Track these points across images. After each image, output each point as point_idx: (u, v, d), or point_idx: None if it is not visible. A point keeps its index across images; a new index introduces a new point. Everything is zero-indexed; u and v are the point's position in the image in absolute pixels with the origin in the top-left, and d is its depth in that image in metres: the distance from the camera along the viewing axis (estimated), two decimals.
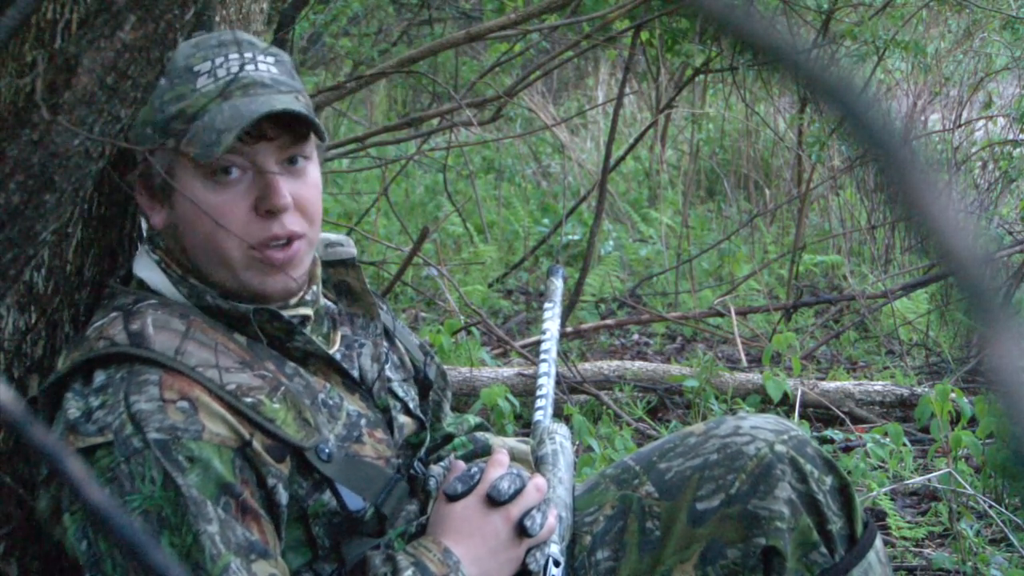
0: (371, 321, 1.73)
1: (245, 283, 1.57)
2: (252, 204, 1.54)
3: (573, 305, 4.44)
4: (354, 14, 6.21)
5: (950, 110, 5.57)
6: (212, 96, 1.52)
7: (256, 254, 1.55)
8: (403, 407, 1.72)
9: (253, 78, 1.54)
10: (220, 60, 1.54)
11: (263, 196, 1.54)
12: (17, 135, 1.39)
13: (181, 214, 1.56)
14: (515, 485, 1.60)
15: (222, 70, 1.54)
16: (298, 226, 1.56)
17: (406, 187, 6.30)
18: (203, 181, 1.53)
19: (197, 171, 1.53)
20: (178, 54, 1.55)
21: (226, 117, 1.51)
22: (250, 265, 1.55)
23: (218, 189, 1.54)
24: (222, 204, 1.53)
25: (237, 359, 1.53)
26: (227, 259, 1.55)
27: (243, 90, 1.53)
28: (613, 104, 4.83)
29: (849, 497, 1.74)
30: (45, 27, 1.50)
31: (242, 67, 1.54)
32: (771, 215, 5.76)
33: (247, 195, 1.54)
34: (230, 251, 1.54)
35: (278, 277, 1.56)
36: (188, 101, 1.52)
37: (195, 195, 1.53)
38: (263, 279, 1.56)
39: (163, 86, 1.53)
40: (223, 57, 1.54)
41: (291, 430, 1.51)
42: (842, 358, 4.28)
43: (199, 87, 1.53)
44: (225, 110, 1.51)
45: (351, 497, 1.55)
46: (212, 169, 1.53)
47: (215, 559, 1.41)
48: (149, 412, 1.44)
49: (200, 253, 1.56)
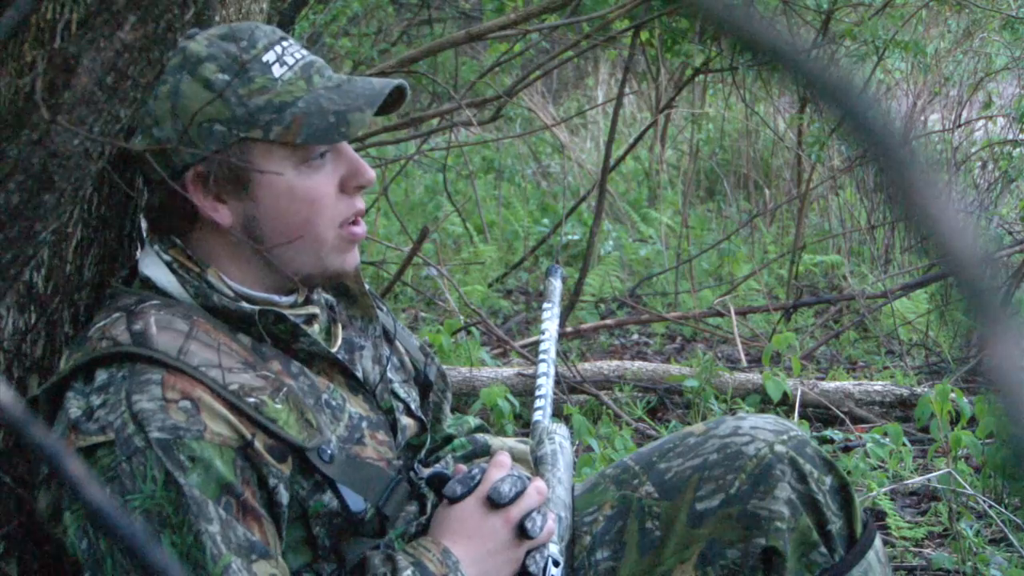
0: (369, 323, 1.73)
1: (329, 264, 1.59)
2: (338, 184, 1.57)
3: (573, 305, 4.44)
4: (354, 14, 6.21)
5: (950, 110, 5.57)
6: (296, 83, 1.54)
7: (344, 232, 1.58)
8: (405, 408, 1.72)
9: (315, 61, 1.57)
10: (279, 48, 1.56)
11: (352, 174, 1.57)
12: (17, 135, 1.39)
13: (268, 204, 1.55)
14: (516, 487, 1.60)
15: (288, 57, 1.55)
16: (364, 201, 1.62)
17: (406, 187, 6.30)
18: (296, 167, 1.54)
19: (289, 158, 1.54)
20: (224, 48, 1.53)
21: (334, 98, 1.53)
22: (337, 245, 1.58)
23: (312, 172, 1.55)
24: (316, 187, 1.55)
25: (240, 359, 1.53)
26: (319, 241, 1.57)
27: (318, 73, 1.56)
28: (613, 104, 4.83)
29: (849, 497, 1.74)
30: (45, 27, 1.50)
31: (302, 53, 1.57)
32: (771, 215, 5.76)
33: (334, 175, 1.57)
34: (325, 232, 1.57)
35: (353, 253, 1.61)
36: (274, 91, 1.53)
37: (285, 182, 1.54)
38: (345, 257, 1.60)
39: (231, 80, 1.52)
40: (279, 45, 1.56)
41: (293, 431, 1.51)
42: (842, 358, 4.28)
43: (278, 76, 1.54)
44: (322, 93, 1.53)
45: (352, 498, 1.55)
46: (307, 153, 1.54)
47: (216, 559, 1.41)
48: (151, 411, 1.44)
49: (287, 240, 1.57)
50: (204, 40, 1.55)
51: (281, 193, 1.54)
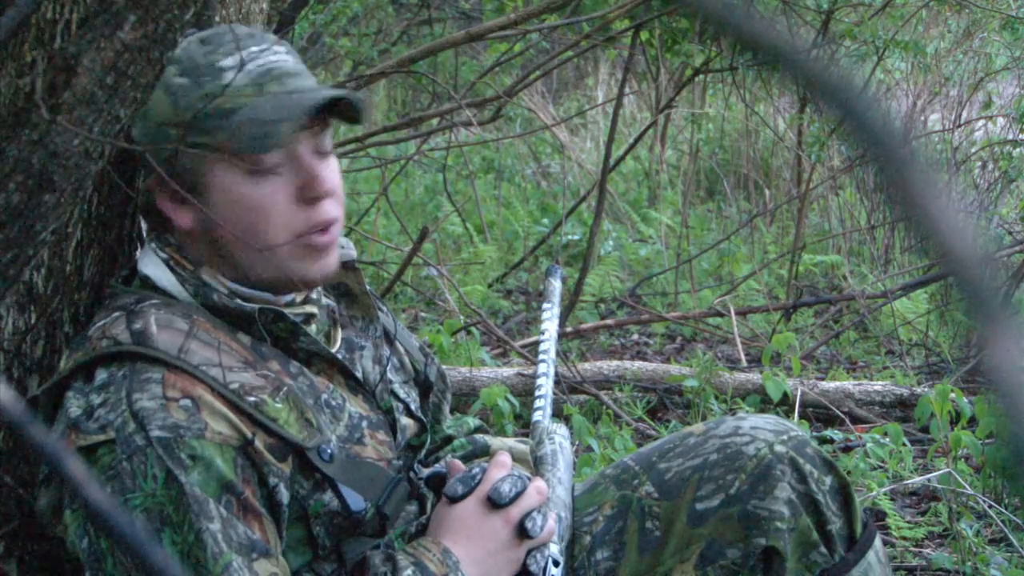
0: (370, 323, 1.73)
1: (289, 272, 1.56)
2: (293, 193, 1.54)
3: (573, 305, 4.44)
4: (354, 14, 6.21)
5: (950, 110, 5.57)
6: (246, 90, 1.51)
7: (302, 241, 1.55)
8: (405, 409, 1.72)
9: (282, 68, 1.54)
10: (244, 54, 1.53)
11: (306, 184, 1.54)
12: (17, 135, 1.39)
13: (218, 209, 1.54)
14: (516, 487, 1.60)
15: (250, 63, 1.53)
16: (335, 211, 1.57)
17: (406, 187, 6.30)
18: (243, 175, 1.53)
19: (236, 166, 1.52)
20: (192, 52, 1.54)
21: (273, 108, 1.50)
22: (294, 253, 1.55)
23: (260, 181, 1.53)
24: (264, 196, 1.53)
25: (240, 358, 1.53)
26: (272, 249, 1.54)
27: (276, 81, 1.53)
28: (613, 104, 4.83)
29: (848, 497, 1.74)
30: (45, 27, 1.50)
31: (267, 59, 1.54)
32: (771, 215, 5.76)
33: (288, 185, 1.54)
34: (276, 241, 1.54)
35: (320, 262, 1.57)
36: (222, 97, 1.51)
37: (234, 190, 1.53)
38: (307, 265, 1.56)
39: (185, 85, 1.52)
40: (246, 50, 1.54)
41: (293, 430, 1.51)
42: (842, 358, 4.28)
43: (229, 82, 1.52)
44: (267, 101, 1.51)
45: (353, 497, 1.55)
46: (253, 161, 1.52)
47: (216, 557, 1.41)
48: (151, 410, 1.44)
49: (239, 247, 1.55)
50: (184, 43, 1.55)
51: (231, 200, 1.53)
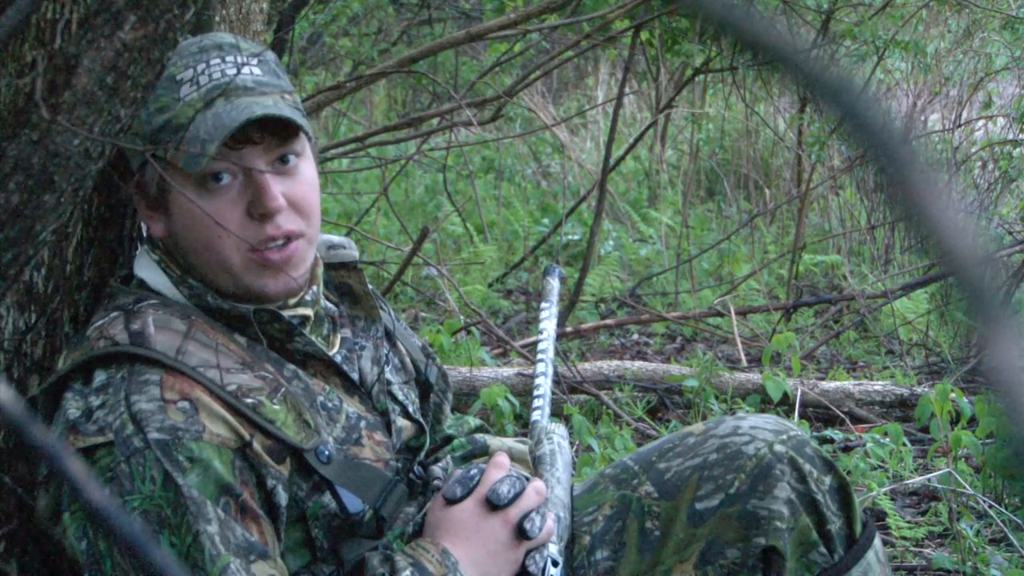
0: (372, 324, 1.73)
1: (246, 286, 1.56)
2: (245, 208, 1.54)
3: (573, 305, 4.44)
4: (354, 14, 6.21)
5: (950, 110, 5.57)
6: (196, 105, 1.51)
7: (255, 256, 1.54)
8: (402, 410, 1.72)
9: (235, 83, 1.53)
10: (202, 67, 1.53)
11: (255, 200, 1.53)
12: (17, 135, 1.39)
13: (178, 221, 1.56)
14: (515, 488, 1.60)
15: (204, 77, 1.53)
16: (294, 224, 1.55)
17: (406, 187, 6.30)
18: (195, 189, 1.53)
19: (188, 180, 1.53)
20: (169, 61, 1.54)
21: (209, 126, 1.50)
22: (249, 268, 1.55)
23: (210, 196, 1.53)
24: (216, 210, 1.52)
25: (238, 360, 1.53)
26: (226, 263, 1.54)
27: (225, 97, 1.52)
28: (613, 104, 4.83)
29: (848, 497, 1.74)
30: (45, 27, 1.50)
31: (223, 73, 1.53)
32: (771, 215, 5.76)
33: (240, 200, 1.54)
34: (229, 256, 1.54)
35: (279, 277, 1.56)
36: (173, 111, 1.52)
37: (189, 204, 1.53)
38: (263, 281, 1.56)
39: (154, 95, 1.53)
40: (204, 63, 1.54)
41: (291, 431, 1.51)
42: (842, 358, 4.28)
43: (182, 96, 1.52)
44: (208, 119, 1.51)
45: (350, 499, 1.55)
46: (203, 176, 1.52)
47: (215, 559, 1.41)
48: (150, 412, 1.44)
49: (199, 259, 1.56)
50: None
51: (186, 213, 1.54)
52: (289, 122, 1.53)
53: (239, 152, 1.53)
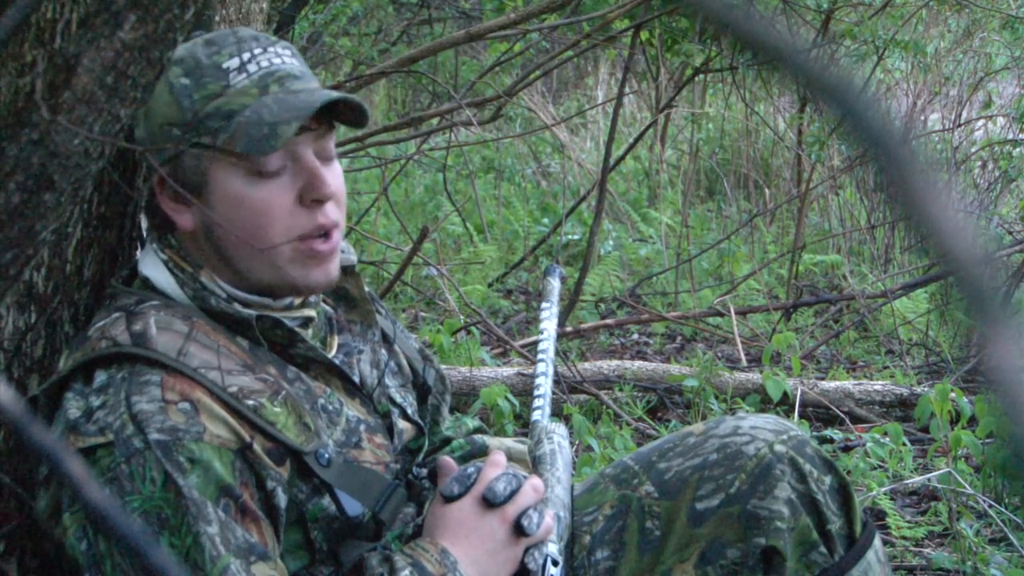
0: (368, 328, 1.73)
1: (288, 277, 1.56)
2: (296, 196, 1.54)
3: (573, 305, 4.44)
4: (354, 14, 6.21)
5: (950, 110, 5.57)
6: (250, 91, 1.51)
7: (302, 246, 1.54)
8: (401, 413, 1.72)
9: (285, 70, 1.54)
10: (247, 55, 1.53)
11: (309, 186, 1.53)
12: (17, 135, 1.39)
13: (220, 211, 1.53)
14: (511, 486, 1.60)
15: (252, 65, 1.53)
16: (336, 216, 1.57)
17: (406, 187, 6.30)
18: (245, 176, 1.52)
19: (237, 167, 1.52)
20: (196, 53, 1.54)
21: (276, 111, 1.50)
22: (295, 258, 1.55)
23: (262, 183, 1.52)
24: (267, 198, 1.52)
25: (239, 362, 1.53)
26: (272, 253, 1.53)
27: (279, 83, 1.53)
28: (613, 104, 4.83)
29: (848, 497, 1.74)
30: (45, 27, 1.50)
31: (271, 61, 1.54)
32: (771, 215, 5.76)
33: (291, 187, 1.54)
34: (276, 243, 1.53)
35: (321, 268, 1.56)
36: (225, 98, 1.51)
37: (236, 191, 1.52)
38: (307, 271, 1.56)
39: (188, 85, 1.52)
40: (248, 52, 1.54)
41: (291, 434, 1.51)
42: (842, 358, 4.28)
43: (233, 83, 1.52)
44: (270, 104, 1.50)
45: (350, 503, 1.55)
46: (255, 163, 1.52)
47: (215, 560, 1.41)
48: (150, 413, 1.44)
49: (238, 250, 1.55)
50: (189, 44, 1.55)
51: (232, 201, 1.53)
52: (359, 107, 1.54)
53: (294, 139, 1.53)
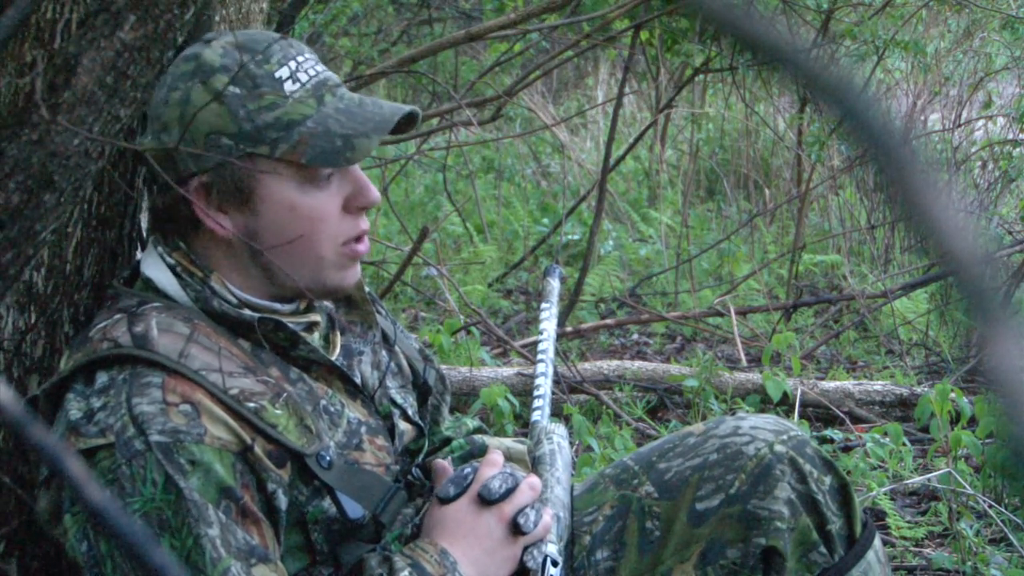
0: (368, 329, 1.73)
1: (326, 280, 1.60)
2: (341, 203, 1.58)
3: (573, 305, 4.44)
4: (354, 14, 6.21)
5: (950, 110, 5.57)
6: (308, 101, 1.54)
7: (346, 250, 1.59)
8: (402, 414, 1.72)
9: (329, 78, 1.58)
10: (294, 64, 1.56)
11: (356, 194, 1.59)
12: (17, 135, 1.39)
13: (270, 218, 1.56)
14: (507, 484, 1.60)
15: (303, 74, 1.55)
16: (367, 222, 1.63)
17: (406, 187, 6.30)
18: (298, 185, 1.55)
19: (294, 176, 1.55)
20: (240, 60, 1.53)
21: (344, 122, 1.53)
22: (338, 262, 1.59)
23: (316, 191, 1.56)
24: (320, 205, 1.56)
25: (240, 364, 1.53)
26: (319, 259, 1.58)
27: (331, 92, 1.56)
28: (613, 104, 4.83)
29: (848, 497, 1.74)
30: (45, 27, 1.50)
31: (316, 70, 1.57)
32: (771, 215, 5.75)
33: (338, 194, 1.58)
34: (325, 250, 1.58)
35: (352, 270, 1.62)
36: (283, 108, 1.53)
37: (288, 198, 1.55)
38: (344, 274, 1.61)
39: (240, 95, 1.52)
40: (294, 60, 1.56)
41: (292, 436, 1.51)
42: (842, 358, 4.28)
43: (288, 93, 1.53)
44: (333, 114, 1.54)
45: (351, 505, 1.55)
46: (310, 173, 1.55)
47: (215, 562, 1.41)
48: (151, 414, 1.44)
49: (284, 256, 1.57)
50: (220, 49, 1.54)
51: (284, 209, 1.55)
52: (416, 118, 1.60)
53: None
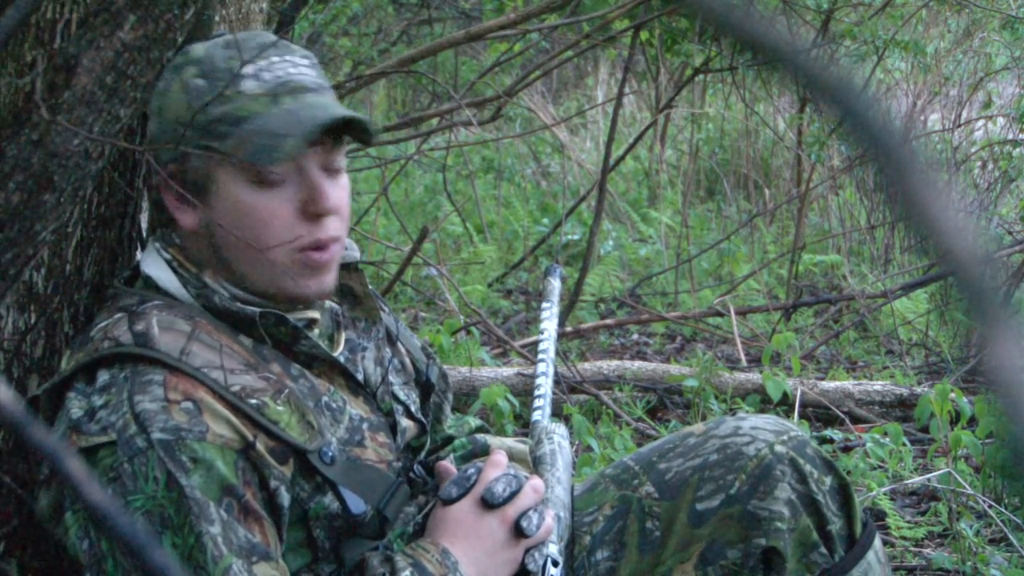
0: (373, 325, 1.73)
1: (282, 285, 1.56)
2: (297, 207, 1.54)
3: (573, 305, 4.44)
4: (354, 14, 6.21)
5: (950, 110, 5.57)
6: (261, 99, 1.52)
7: (300, 256, 1.55)
8: (405, 411, 1.72)
9: (299, 81, 1.54)
10: (264, 62, 1.54)
11: (311, 199, 1.54)
12: (17, 135, 1.39)
13: (221, 214, 1.54)
14: (510, 487, 1.60)
15: (267, 73, 1.53)
16: (336, 231, 1.57)
17: (406, 187, 6.30)
18: (248, 183, 1.53)
19: (241, 173, 1.53)
20: (214, 54, 1.54)
21: (283, 122, 1.50)
22: (291, 267, 1.55)
23: (264, 191, 1.53)
24: (268, 207, 1.53)
25: (242, 361, 1.53)
26: (270, 261, 1.54)
27: (291, 94, 1.53)
28: (613, 104, 4.83)
29: (849, 497, 1.74)
30: (45, 27, 1.50)
31: (287, 72, 1.54)
32: (771, 215, 5.76)
33: (293, 198, 1.54)
34: (276, 255, 1.54)
35: (317, 279, 1.57)
36: (235, 104, 1.52)
37: (238, 196, 1.53)
38: (304, 282, 1.56)
39: (201, 87, 1.52)
40: (265, 60, 1.54)
41: (294, 432, 1.51)
42: (842, 358, 4.28)
43: (244, 90, 1.52)
44: (279, 114, 1.51)
45: (353, 500, 1.55)
46: (259, 171, 1.52)
47: (217, 560, 1.41)
48: (153, 412, 1.44)
49: (237, 254, 1.55)
50: (205, 44, 1.55)
51: (233, 207, 1.54)
52: (366, 126, 1.55)
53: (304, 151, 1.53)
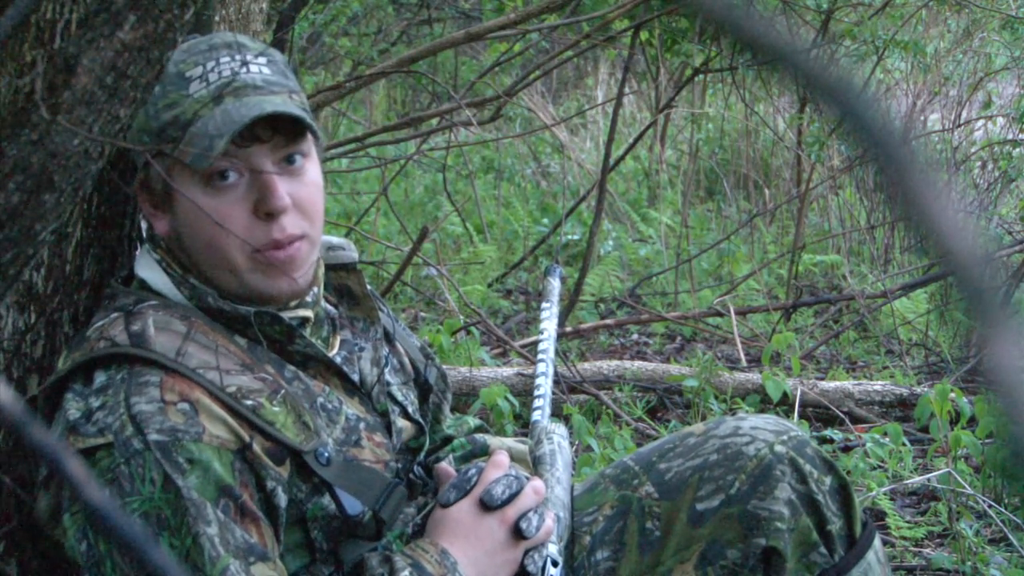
0: (371, 325, 1.73)
1: (250, 286, 1.56)
2: (252, 207, 1.53)
3: (572, 305, 4.43)
4: (354, 14, 6.21)
5: (950, 110, 5.57)
6: (205, 101, 1.51)
7: (259, 256, 1.54)
8: (402, 411, 1.72)
9: (245, 81, 1.53)
10: (211, 64, 1.53)
11: (261, 198, 1.53)
12: (17, 135, 1.39)
13: (183, 219, 1.55)
14: (510, 489, 1.60)
15: (214, 74, 1.53)
16: (298, 228, 1.55)
17: (406, 187, 6.30)
18: (201, 187, 1.53)
19: (194, 177, 1.53)
20: (172, 59, 1.54)
21: (218, 122, 1.50)
22: (254, 268, 1.55)
23: (216, 194, 1.53)
24: (221, 208, 1.52)
25: (238, 361, 1.53)
26: (231, 263, 1.54)
27: (235, 94, 1.52)
28: (613, 104, 4.83)
29: (848, 497, 1.74)
30: (45, 27, 1.50)
31: (233, 71, 1.53)
32: (771, 215, 5.75)
33: (246, 198, 1.54)
34: (233, 255, 1.53)
35: (282, 279, 1.56)
36: (182, 107, 1.52)
37: (195, 201, 1.52)
38: (268, 282, 1.56)
39: (157, 93, 1.52)
40: (214, 61, 1.54)
41: (291, 433, 1.51)
42: (841, 358, 4.28)
43: (191, 93, 1.52)
44: (217, 115, 1.50)
45: (350, 501, 1.55)
46: (208, 174, 1.52)
47: (214, 561, 1.41)
48: (150, 413, 1.44)
49: (203, 258, 1.56)
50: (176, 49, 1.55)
51: (190, 211, 1.54)
52: (299, 120, 1.53)
53: (247, 150, 1.52)
